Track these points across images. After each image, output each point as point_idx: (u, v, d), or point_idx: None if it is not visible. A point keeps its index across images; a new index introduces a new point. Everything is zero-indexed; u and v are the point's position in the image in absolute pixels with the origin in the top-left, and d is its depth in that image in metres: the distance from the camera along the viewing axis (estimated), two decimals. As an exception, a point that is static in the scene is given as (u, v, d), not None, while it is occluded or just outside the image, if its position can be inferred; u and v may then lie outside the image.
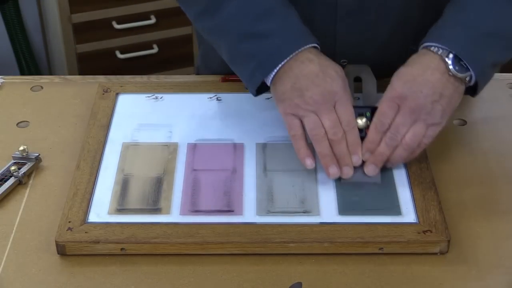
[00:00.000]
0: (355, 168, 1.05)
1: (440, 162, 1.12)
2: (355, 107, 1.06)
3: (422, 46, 1.08)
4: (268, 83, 1.08)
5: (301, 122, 1.05)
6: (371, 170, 1.05)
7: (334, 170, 1.05)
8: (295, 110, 1.05)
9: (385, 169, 1.07)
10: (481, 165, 1.12)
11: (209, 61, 1.35)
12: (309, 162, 1.06)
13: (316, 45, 1.08)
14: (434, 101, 1.03)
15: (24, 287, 0.95)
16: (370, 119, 1.06)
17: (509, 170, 1.12)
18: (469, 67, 1.04)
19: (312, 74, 1.05)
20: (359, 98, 1.14)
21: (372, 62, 1.18)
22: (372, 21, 1.19)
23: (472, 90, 1.08)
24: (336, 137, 1.04)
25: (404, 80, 1.05)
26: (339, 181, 1.06)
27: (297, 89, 1.05)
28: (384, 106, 1.05)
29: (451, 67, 1.04)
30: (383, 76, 1.15)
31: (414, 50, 1.08)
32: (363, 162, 1.06)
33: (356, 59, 1.19)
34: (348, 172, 1.05)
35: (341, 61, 1.20)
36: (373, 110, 1.06)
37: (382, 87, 1.21)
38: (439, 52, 1.05)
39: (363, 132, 1.06)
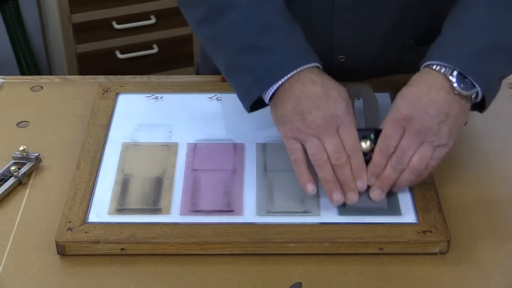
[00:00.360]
0: (360, 193, 1.02)
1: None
2: (358, 130, 1.02)
3: (423, 65, 1.04)
4: (267, 101, 1.05)
5: (303, 146, 1.02)
6: (377, 195, 1.02)
7: (338, 196, 1.01)
8: (296, 134, 1.01)
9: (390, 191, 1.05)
10: (481, 165, 1.12)
11: (209, 59, 1.35)
12: (311, 188, 1.01)
13: (318, 65, 1.05)
14: (440, 121, 1.00)
15: (24, 287, 0.95)
16: (374, 142, 1.02)
17: (509, 170, 1.12)
18: (475, 83, 1.01)
19: (315, 96, 1.01)
20: (359, 98, 1.14)
21: (369, 59, 1.18)
22: (369, 18, 1.18)
23: (479, 106, 1.05)
24: (339, 162, 1.00)
25: (409, 101, 1.01)
26: (343, 207, 1.03)
27: (298, 112, 1.01)
28: (389, 128, 1.01)
29: (455, 85, 1.00)
30: (381, 75, 1.15)
31: (412, 45, 1.07)
32: (368, 187, 1.02)
33: (354, 55, 1.18)
34: (353, 198, 1.01)
35: (339, 57, 1.20)
36: (377, 132, 1.02)
37: (380, 87, 1.21)
38: (442, 71, 1.01)
39: (367, 156, 1.02)
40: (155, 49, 2.57)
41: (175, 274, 0.96)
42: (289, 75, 1.02)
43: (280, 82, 1.02)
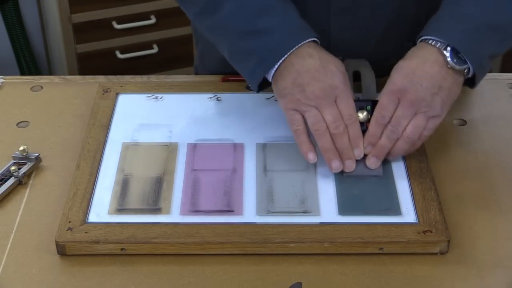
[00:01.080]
0: (357, 161, 1.06)
1: (440, 162, 1.12)
2: (355, 101, 1.07)
3: (420, 39, 1.09)
4: (270, 79, 1.09)
5: (303, 117, 1.06)
6: (373, 163, 1.06)
7: (336, 164, 1.06)
8: (296, 105, 1.06)
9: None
10: (481, 165, 1.12)
11: (207, 59, 1.35)
12: (312, 157, 1.06)
13: (315, 39, 1.09)
14: (433, 93, 1.04)
15: (24, 287, 0.95)
16: (370, 112, 1.07)
17: (509, 170, 1.12)
18: (466, 59, 1.05)
19: (313, 69, 1.05)
20: (359, 98, 1.14)
21: (367, 59, 1.19)
22: (366, 17, 1.19)
23: (470, 82, 1.09)
24: (337, 131, 1.05)
25: (404, 73, 1.05)
26: (341, 174, 1.06)
27: (298, 84, 1.05)
28: (384, 99, 1.06)
29: (449, 59, 1.05)
30: (378, 75, 1.15)
31: (409, 47, 1.09)
32: (365, 155, 1.06)
33: (351, 55, 1.19)
34: (350, 166, 1.06)
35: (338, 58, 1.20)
36: (374, 103, 1.07)
37: (379, 86, 1.21)
38: (437, 45, 1.06)
39: (364, 126, 1.06)
40: (155, 49, 2.57)
41: (175, 274, 0.96)
42: (289, 53, 1.06)
43: (281, 61, 1.07)
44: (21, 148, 1.11)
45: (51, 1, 2.44)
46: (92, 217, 1.01)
